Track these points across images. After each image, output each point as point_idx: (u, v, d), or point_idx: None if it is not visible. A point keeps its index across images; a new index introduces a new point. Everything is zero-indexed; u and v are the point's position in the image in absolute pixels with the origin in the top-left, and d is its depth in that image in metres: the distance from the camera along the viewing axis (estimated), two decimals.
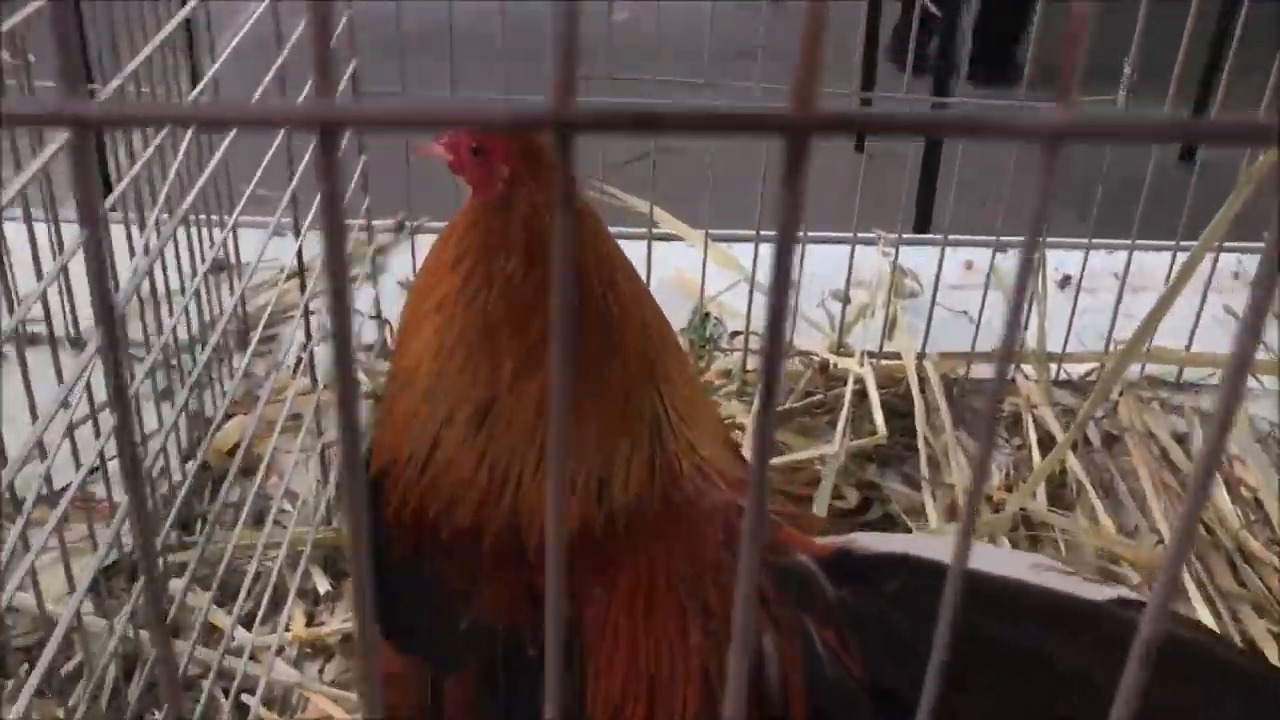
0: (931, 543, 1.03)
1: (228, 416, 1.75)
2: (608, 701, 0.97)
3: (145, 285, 1.74)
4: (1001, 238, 2.09)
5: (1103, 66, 1.74)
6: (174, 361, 1.84)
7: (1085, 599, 0.85)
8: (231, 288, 1.90)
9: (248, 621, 1.46)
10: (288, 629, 1.44)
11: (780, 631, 0.94)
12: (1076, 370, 1.93)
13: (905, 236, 2.12)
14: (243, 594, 1.46)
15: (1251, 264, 2.17)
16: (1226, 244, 1.89)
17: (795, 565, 0.96)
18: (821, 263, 1.94)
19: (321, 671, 1.42)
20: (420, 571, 1.04)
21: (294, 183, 1.56)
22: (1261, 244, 1.49)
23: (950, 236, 1.98)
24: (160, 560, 1.44)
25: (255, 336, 1.90)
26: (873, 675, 0.88)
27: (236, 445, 1.74)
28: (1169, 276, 1.90)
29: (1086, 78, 0.36)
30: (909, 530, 1.60)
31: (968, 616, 0.88)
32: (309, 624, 1.47)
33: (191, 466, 1.65)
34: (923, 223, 2.97)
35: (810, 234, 1.81)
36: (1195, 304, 1.87)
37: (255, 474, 1.68)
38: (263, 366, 1.91)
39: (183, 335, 1.90)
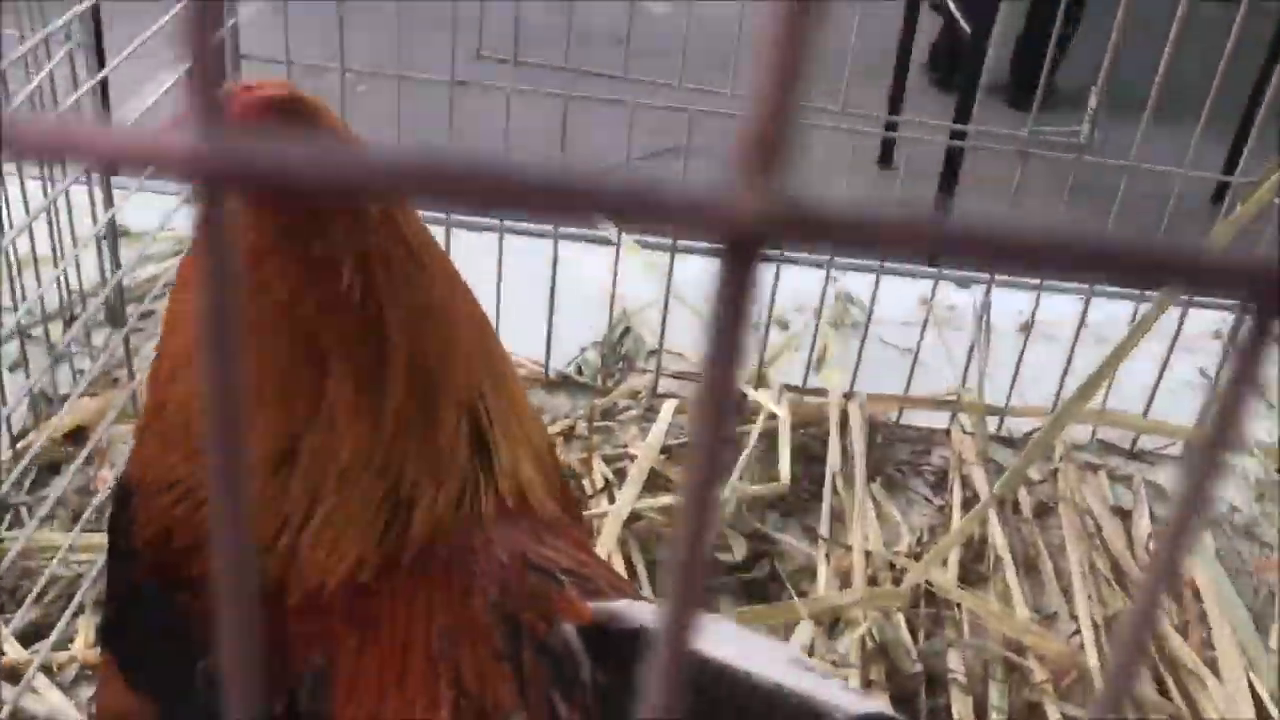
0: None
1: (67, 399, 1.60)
2: None
3: (30, 246, 1.61)
4: (962, 272, 1.92)
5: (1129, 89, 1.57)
6: (33, 333, 1.70)
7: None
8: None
9: (34, 633, 1.31)
10: (68, 645, 1.29)
11: (531, 713, 0.81)
12: (1020, 426, 1.74)
13: (857, 262, 1.94)
14: (29, 600, 1.31)
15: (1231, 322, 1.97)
16: (1203, 299, 1.71)
17: (559, 641, 0.84)
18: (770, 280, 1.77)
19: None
20: (163, 603, 0.92)
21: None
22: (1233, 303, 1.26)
23: (897, 265, 1.81)
24: None
25: (133, 313, 1.77)
26: None
27: (75, 431, 1.60)
28: (1131, 324, 1.71)
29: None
30: (794, 594, 1.42)
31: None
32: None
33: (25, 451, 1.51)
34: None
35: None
36: (1160, 364, 1.67)
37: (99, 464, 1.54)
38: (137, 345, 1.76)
39: (53, 304, 1.77)
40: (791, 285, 1.80)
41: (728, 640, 0.79)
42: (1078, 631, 1.41)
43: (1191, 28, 1.47)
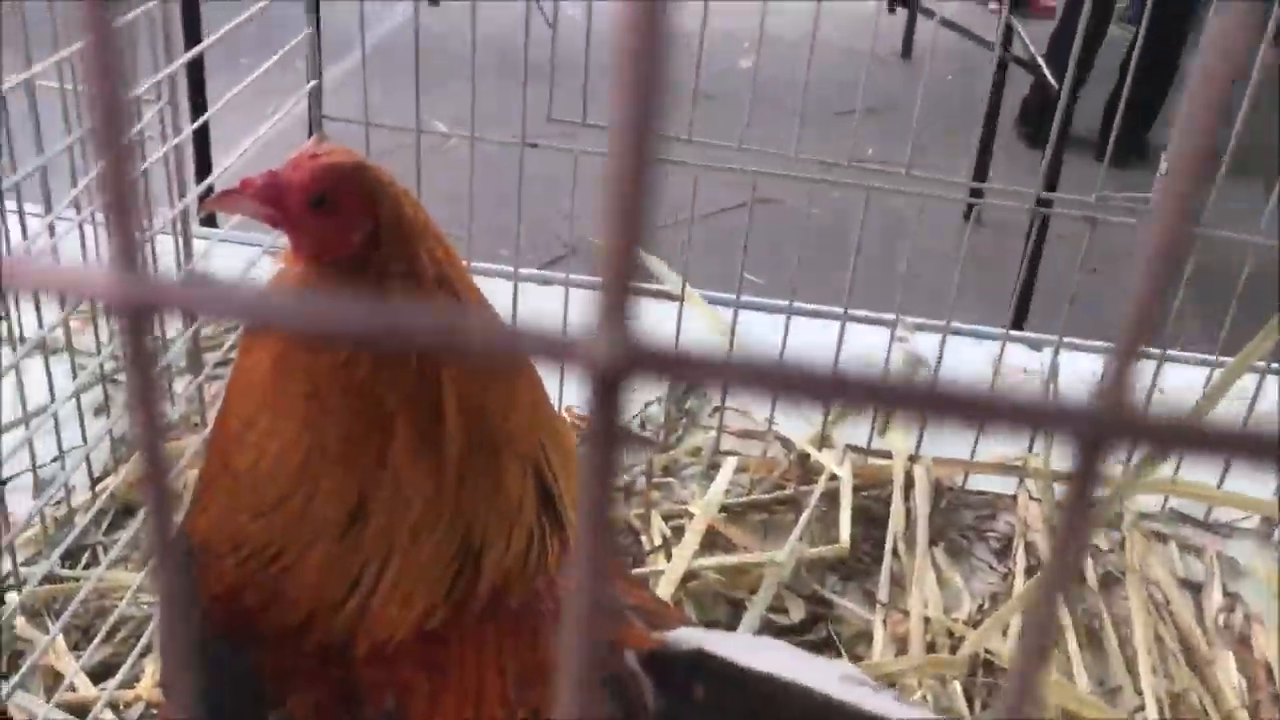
0: (747, 642, 0.96)
1: None
2: None
3: None
4: (1032, 334, 1.90)
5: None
6: (116, 377, 1.77)
7: None
8: None
9: (103, 671, 1.35)
10: (135, 684, 1.33)
11: None
12: None
13: (924, 322, 1.93)
14: (99, 638, 1.36)
15: None
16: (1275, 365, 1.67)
17: (622, 672, 0.87)
18: (825, 336, 1.78)
19: None
20: (232, 657, 0.94)
21: None
22: None
23: (966, 326, 1.80)
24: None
25: (210, 360, 1.83)
26: None
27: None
28: (1203, 391, 1.68)
29: None
30: (849, 659, 1.41)
31: None
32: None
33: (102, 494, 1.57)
34: (1021, 315, 2.51)
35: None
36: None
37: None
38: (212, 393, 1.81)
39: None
40: (860, 342, 1.80)
41: (783, 659, 0.80)
42: (1142, 707, 1.38)
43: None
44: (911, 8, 5.11)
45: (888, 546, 1.56)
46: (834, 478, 1.65)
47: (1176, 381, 1.79)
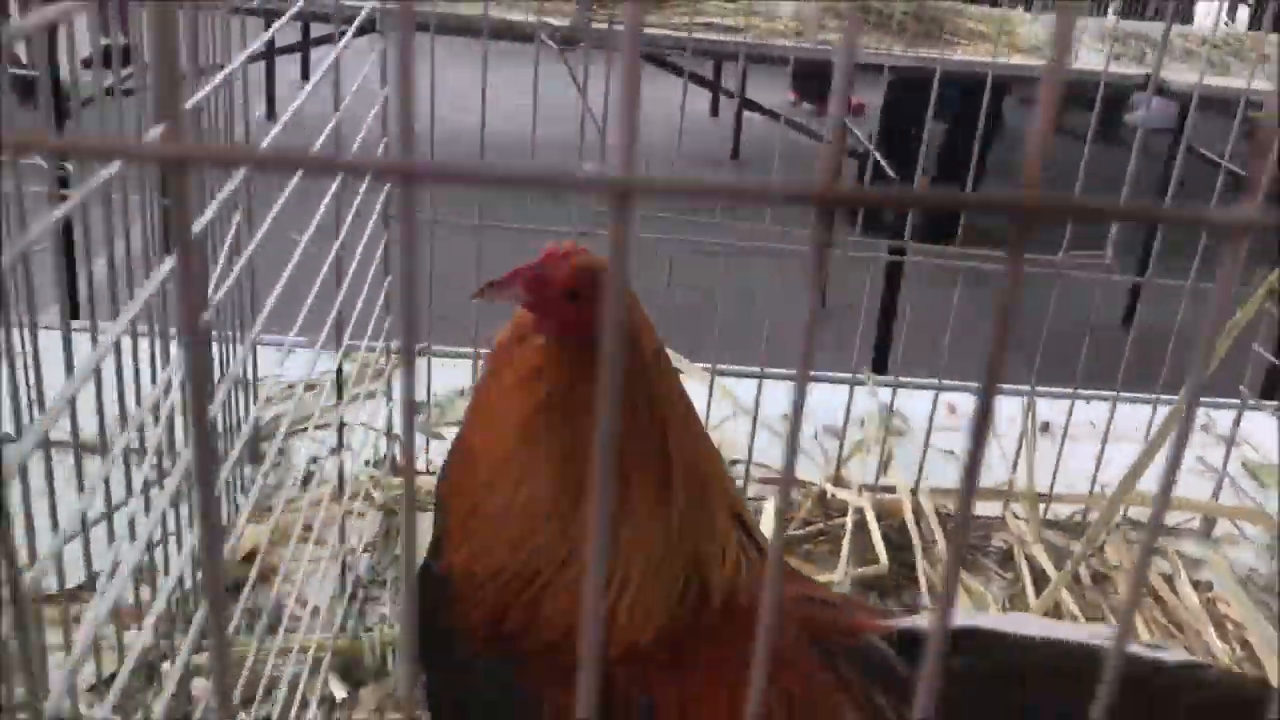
0: (989, 618, 1.09)
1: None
2: None
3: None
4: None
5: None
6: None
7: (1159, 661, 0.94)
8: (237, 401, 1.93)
9: None
10: None
11: (861, 711, 0.99)
12: (1063, 511, 2.01)
13: (895, 379, 2.21)
14: (258, 697, 1.45)
15: (1219, 417, 2.28)
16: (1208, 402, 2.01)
17: (870, 648, 1.03)
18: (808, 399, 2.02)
19: None
20: (495, 673, 1.09)
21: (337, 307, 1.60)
22: (1229, 400, 1.57)
23: (938, 380, 2.08)
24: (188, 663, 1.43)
25: (270, 448, 1.93)
26: None
27: (252, 553, 1.75)
28: (1149, 426, 2.01)
29: None
30: None
31: (1045, 687, 0.93)
32: None
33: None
34: (879, 365, 3.26)
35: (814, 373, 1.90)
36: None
37: (269, 583, 1.69)
38: (273, 478, 1.92)
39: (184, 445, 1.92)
40: (837, 401, 2.06)
41: (1028, 623, 1.01)
42: None
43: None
44: (740, 110, 5.58)
45: (918, 563, 1.81)
46: (858, 510, 1.89)
47: None
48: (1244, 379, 2.03)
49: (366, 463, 1.97)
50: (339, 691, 1.52)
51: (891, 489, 1.98)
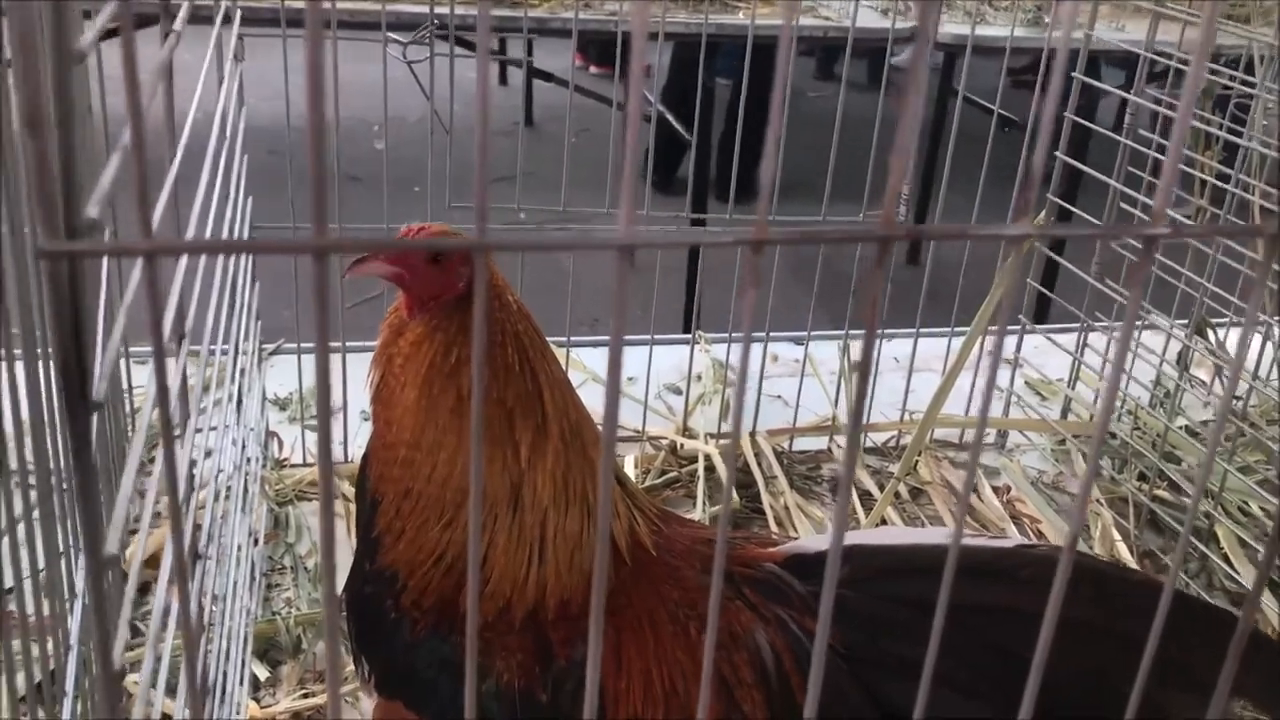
0: (862, 534, 1.25)
1: (131, 533, 1.84)
2: (629, 715, 1.15)
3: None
4: (811, 332, 2.44)
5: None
6: (65, 485, 1.91)
7: (999, 549, 1.12)
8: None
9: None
10: (238, 713, 1.55)
11: (769, 627, 1.16)
12: (879, 438, 2.27)
13: (716, 336, 2.44)
14: (181, 684, 1.56)
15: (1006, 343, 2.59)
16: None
17: (768, 574, 1.19)
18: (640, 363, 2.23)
19: None
20: (441, 648, 1.17)
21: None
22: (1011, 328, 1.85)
23: (760, 333, 2.31)
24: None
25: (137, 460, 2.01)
26: (845, 645, 1.12)
27: (156, 557, 1.84)
28: (946, 357, 2.29)
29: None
30: None
31: (915, 585, 1.13)
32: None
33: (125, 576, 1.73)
34: (686, 324, 3.50)
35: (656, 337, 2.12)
36: (968, 379, 2.24)
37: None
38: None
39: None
40: (671, 362, 2.27)
41: (897, 534, 1.17)
42: None
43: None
44: (529, 77, 5.70)
45: (764, 498, 2.04)
46: (706, 456, 2.11)
47: None
48: (1021, 308, 2.33)
49: (249, 460, 2.07)
50: (261, 672, 1.64)
51: (729, 435, 2.20)
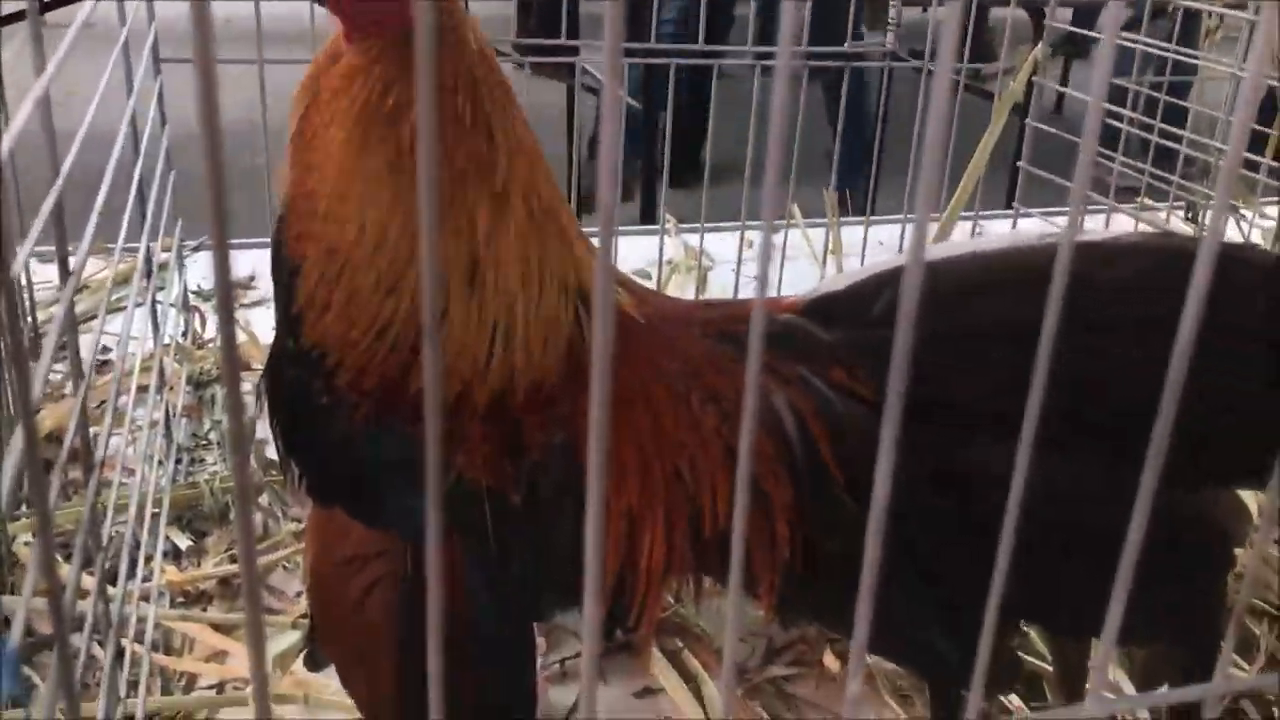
0: (891, 259, 1.00)
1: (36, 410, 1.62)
2: (623, 511, 0.96)
3: None
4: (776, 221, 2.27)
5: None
6: None
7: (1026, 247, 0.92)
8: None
9: (111, 580, 1.34)
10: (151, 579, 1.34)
11: (789, 387, 0.95)
12: None
13: (692, 226, 2.27)
14: (100, 557, 1.35)
15: (990, 226, 2.43)
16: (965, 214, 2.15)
17: (783, 325, 0.96)
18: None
19: (205, 610, 1.34)
20: (385, 442, 0.95)
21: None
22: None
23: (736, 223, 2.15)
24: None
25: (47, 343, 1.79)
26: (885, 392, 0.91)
27: (56, 433, 1.63)
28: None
29: None
30: None
31: (988, 305, 0.92)
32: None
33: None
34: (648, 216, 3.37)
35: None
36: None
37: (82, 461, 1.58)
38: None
39: None
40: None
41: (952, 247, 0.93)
42: None
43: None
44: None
45: None
46: None
47: None
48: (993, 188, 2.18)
49: (168, 340, 1.86)
50: (182, 541, 1.43)
51: None
